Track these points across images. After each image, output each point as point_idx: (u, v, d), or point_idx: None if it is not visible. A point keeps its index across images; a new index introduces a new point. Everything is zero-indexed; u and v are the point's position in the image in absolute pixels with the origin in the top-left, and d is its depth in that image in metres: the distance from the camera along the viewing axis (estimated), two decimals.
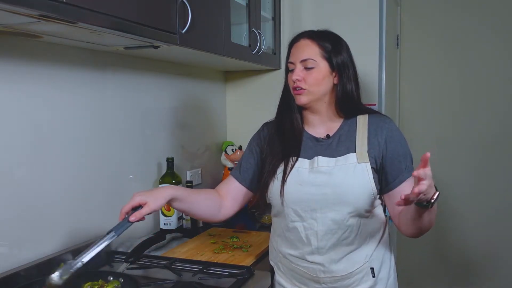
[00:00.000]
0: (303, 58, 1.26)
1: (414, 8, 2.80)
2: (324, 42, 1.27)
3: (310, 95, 1.27)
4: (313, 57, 1.26)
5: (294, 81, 1.27)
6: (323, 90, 1.28)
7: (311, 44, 1.27)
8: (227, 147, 2.30)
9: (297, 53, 1.28)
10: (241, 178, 1.39)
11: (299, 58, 1.27)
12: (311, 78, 1.26)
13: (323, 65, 1.26)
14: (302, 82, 1.26)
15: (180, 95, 2.04)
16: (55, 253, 1.37)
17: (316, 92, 1.26)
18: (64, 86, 1.41)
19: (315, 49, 1.27)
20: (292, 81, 1.28)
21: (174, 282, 1.29)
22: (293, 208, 1.27)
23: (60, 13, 0.95)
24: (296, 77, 1.26)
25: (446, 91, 2.77)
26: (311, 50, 1.27)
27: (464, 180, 2.76)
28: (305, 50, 1.27)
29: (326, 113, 1.31)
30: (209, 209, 1.34)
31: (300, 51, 1.28)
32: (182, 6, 1.38)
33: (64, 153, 1.42)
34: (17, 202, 1.27)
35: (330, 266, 1.25)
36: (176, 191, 1.22)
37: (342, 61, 1.28)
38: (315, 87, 1.26)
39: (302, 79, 1.26)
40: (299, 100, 1.28)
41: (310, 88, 1.26)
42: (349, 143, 1.27)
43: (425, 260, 2.89)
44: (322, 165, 1.25)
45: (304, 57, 1.26)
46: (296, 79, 1.26)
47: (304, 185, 1.25)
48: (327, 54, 1.27)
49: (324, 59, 1.26)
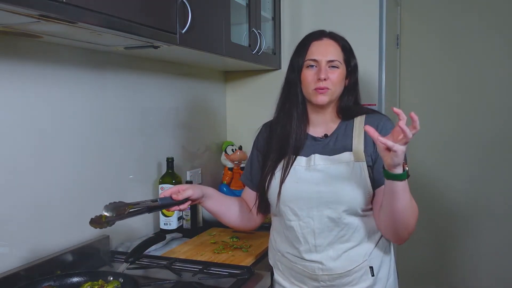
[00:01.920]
0: (331, 59, 1.27)
1: (414, 8, 2.80)
2: (345, 44, 1.31)
3: (331, 95, 1.27)
4: (339, 59, 1.28)
5: (320, 79, 1.25)
6: (340, 91, 1.30)
7: (336, 45, 1.29)
8: (227, 147, 2.30)
9: (323, 52, 1.27)
10: (253, 186, 1.42)
11: (326, 57, 1.27)
12: (335, 76, 1.27)
13: (343, 67, 1.29)
14: (328, 81, 1.26)
15: (180, 95, 2.04)
16: (55, 253, 1.37)
17: (336, 92, 1.29)
18: (64, 86, 1.41)
19: (339, 50, 1.29)
20: (314, 78, 1.26)
21: (174, 282, 1.29)
22: (290, 206, 1.27)
23: (60, 13, 0.95)
24: (324, 76, 1.25)
25: (446, 91, 2.77)
26: (337, 52, 1.28)
27: (464, 180, 2.76)
28: (331, 50, 1.28)
29: (330, 114, 1.33)
30: (239, 215, 1.41)
31: (326, 50, 1.28)
32: (182, 6, 1.38)
33: (64, 153, 1.42)
34: (16, 202, 1.27)
35: (328, 264, 1.25)
36: (210, 189, 1.35)
37: (355, 65, 1.32)
38: (337, 86, 1.28)
39: (328, 78, 1.26)
40: (321, 99, 1.27)
41: (333, 87, 1.27)
42: (346, 141, 1.28)
43: (425, 261, 2.89)
44: (318, 163, 1.26)
45: (332, 57, 1.27)
46: (324, 78, 1.25)
47: (300, 183, 1.26)
48: (347, 57, 1.30)
49: (343, 62, 1.29)
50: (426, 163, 2.80)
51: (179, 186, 1.27)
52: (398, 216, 1.14)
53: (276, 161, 1.31)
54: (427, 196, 2.78)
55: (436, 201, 2.80)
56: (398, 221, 1.15)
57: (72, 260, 1.39)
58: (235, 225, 1.42)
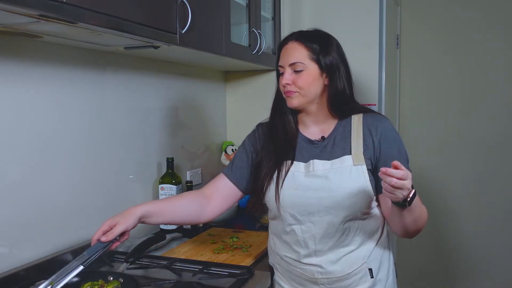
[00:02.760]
0: (291, 62, 1.25)
1: (414, 8, 2.80)
2: (312, 44, 1.25)
3: (301, 98, 1.26)
4: (301, 60, 1.24)
5: (283, 85, 1.26)
6: (314, 92, 1.26)
7: (299, 47, 1.25)
8: (227, 147, 2.30)
9: (286, 57, 1.27)
10: (232, 176, 1.37)
11: (287, 61, 1.26)
12: (301, 81, 1.24)
13: (312, 67, 1.25)
14: (292, 85, 1.25)
15: (180, 95, 2.04)
16: (55, 253, 1.37)
17: (307, 94, 1.25)
18: (64, 86, 1.41)
19: (302, 51, 1.25)
20: (282, 85, 1.28)
21: (174, 282, 1.29)
22: (290, 212, 1.26)
23: (60, 13, 0.95)
24: (286, 81, 1.25)
25: (446, 91, 2.77)
26: (299, 53, 1.25)
27: (465, 181, 2.76)
28: (293, 53, 1.25)
29: (319, 114, 1.30)
30: (190, 213, 1.33)
31: (288, 54, 1.26)
32: (182, 6, 1.38)
33: (64, 153, 1.42)
34: (16, 202, 1.27)
35: (327, 267, 1.24)
36: (146, 207, 1.22)
37: (331, 61, 1.26)
38: (306, 89, 1.25)
39: (292, 82, 1.25)
40: (290, 102, 1.27)
41: (300, 91, 1.25)
42: (344, 144, 1.26)
43: (425, 260, 2.89)
44: (317, 169, 1.24)
45: (292, 60, 1.25)
46: (286, 83, 1.25)
47: (299, 189, 1.25)
48: (316, 56, 1.24)
49: (313, 61, 1.25)
50: (426, 163, 2.80)
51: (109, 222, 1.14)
52: (409, 226, 1.16)
53: (273, 166, 1.29)
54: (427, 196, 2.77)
55: (436, 201, 2.80)
56: (410, 228, 1.17)
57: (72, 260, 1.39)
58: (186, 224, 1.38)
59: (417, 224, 1.16)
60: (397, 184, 0.99)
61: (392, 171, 0.99)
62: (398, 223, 1.17)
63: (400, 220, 1.14)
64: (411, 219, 1.13)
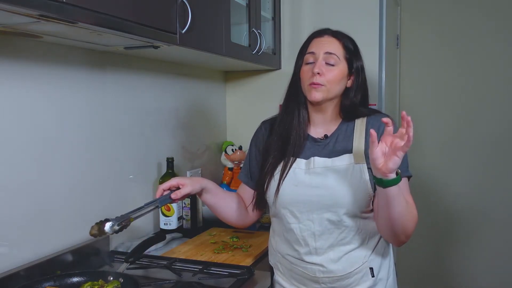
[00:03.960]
0: (328, 51, 1.24)
1: (414, 8, 2.80)
2: (348, 43, 1.28)
3: (326, 92, 1.24)
4: (337, 54, 1.25)
5: (314, 74, 1.23)
6: (338, 90, 1.27)
7: (336, 42, 1.27)
8: (227, 147, 2.30)
9: (322, 46, 1.26)
10: (251, 184, 1.40)
11: (324, 49, 1.25)
12: (331, 74, 1.24)
13: (343, 66, 1.26)
14: (322, 76, 1.23)
15: (180, 95, 2.04)
16: (55, 253, 1.37)
17: (332, 90, 1.25)
18: (64, 86, 1.41)
19: (339, 47, 1.26)
20: (310, 73, 1.24)
21: (174, 282, 1.29)
22: (289, 209, 1.26)
23: (60, 13, 0.95)
24: (318, 70, 1.23)
25: (447, 91, 2.77)
26: (336, 47, 1.26)
27: (466, 181, 2.76)
28: (331, 45, 1.26)
29: (331, 113, 1.30)
30: (236, 211, 1.39)
31: (326, 44, 1.26)
32: (182, 6, 1.38)
33: (64, 153, 1.42)
34: (16, 201, 1.27)
35: (329, 266, 1.24)
36: (209, 183, 1.32)
37: (361, 66, 1.29)
38: (333, 84, 1.24)
39: (323, 73, 1.23)
40: (314, 95, 1.24)
41: (328, 85, 1.24)
42: (346, 143, 1.26)
43: (425, 260, 2.89)
44: (318, 166, 1.24)
45: (331, 50, 1.25)
46: (317, 72, 1.22)
47: (299, 186, 1.25)
48: (349, 56, 1.27)
49: (345, 60, 1.26)
50: (426, 164, 2.80)
51: (178, 180, 1.24)
52: (395, 222, 1.13)
53: (276, 162, 1.30)
54: (427, 197, 2.78)
55: (436, 202, 2.80)
56: (396, 226, 1.14)
57: (72, 260, 1.39)
58: (231, 220, 1.40)
59: (404, 221, 1.13)
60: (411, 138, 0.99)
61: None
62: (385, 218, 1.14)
63: (387, 212, 1.11)
64: (398, 210, 1.10)
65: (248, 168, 1.41)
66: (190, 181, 1.26)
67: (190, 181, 1.26)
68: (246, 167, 1.42)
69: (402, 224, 1.13)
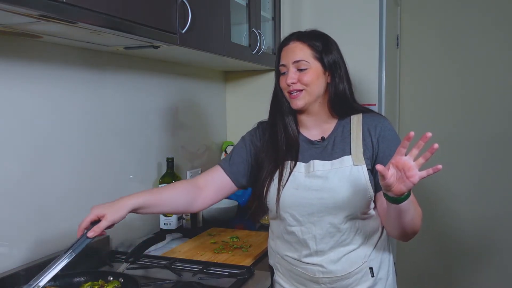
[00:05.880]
0: (295, 59, 1.24)
1: (414, 8, 2.80)
2: (314, 42, 1.26)
3: (306, 97, 1.25)
4: (305, 59, 1.24)
5: (288, 84, 1.25)
6: (318, 90, 1.26)
7: (302, 46, 1.26)
8: (227, 147, 2.30)
9: (289, 56, 1.26)
10: (229, 170, 1.36)
11: (291, 59, 1.25)
12: (306, 77, 1.23)
13: (316, 66, 1.25)
14: (297, 83, 1.24)
15: (180, 95, 2.04)
16: (55, 253, 1.37)
17: (312, 91, 1.25)
18: (64, 86, 1.41)
19: (306, 50, 1.25)
20: (286, 84, 1.26)
21: (174, 282, 1.29)
22: (290, 212, 1.26)
23: (60, 13, 0.95)
24: (291, 80, 1.24)
25: (447, 91, 2.77)
26: (303, 52, 1.25)
27: (465, 181, 2.76)
28: (296, 52, 1.25)
29: (321, 114, 1.30)
30: (181, 204, 1.31)
31: (292, 53, 1.26)
32: (182, 6, 1.38)
33: (64, 153, 1.42)
34: (16, 202, 1.27)
35: (329, 267, 1.24)
36: (138, 199, 1.17)
37: (334, 60, 1.27)
38: (311, 85, 1.24)
39: (297, 81, 1.24)
40: (295, 104, 1.26)
41: (307, 88, 1.24)
42: (344, 145, 1.26)
43: (425, 260, 2.89)
44: (318, 169, 1.24)
45: (297, 58, 1.24)
46: (291, 82, 1.24)
47: (300, 190, 1.25)
48: (319, 54, 1.25)
49: (316, 60, 1.25)
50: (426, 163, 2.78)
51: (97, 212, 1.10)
52: (407, 226, 1.15)
53: (274, 167, 1.29)
54: (428, 197, 2.78)
55: (436, 201, 2.80)
56: (407, 229, 1.16)
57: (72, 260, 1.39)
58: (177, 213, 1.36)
59: (414, 223, 1.15)
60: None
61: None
62: (396, 225, 1.16)
63: (399, 221, 1.13)
64: (409, 218, 1.12)
65: (231, 155, 1.38)
66: (112, 209, 1.11)
67: (112, 210, 1.11)
68: (229, 154, 1.40)
69: (413, 226, 1.16)
